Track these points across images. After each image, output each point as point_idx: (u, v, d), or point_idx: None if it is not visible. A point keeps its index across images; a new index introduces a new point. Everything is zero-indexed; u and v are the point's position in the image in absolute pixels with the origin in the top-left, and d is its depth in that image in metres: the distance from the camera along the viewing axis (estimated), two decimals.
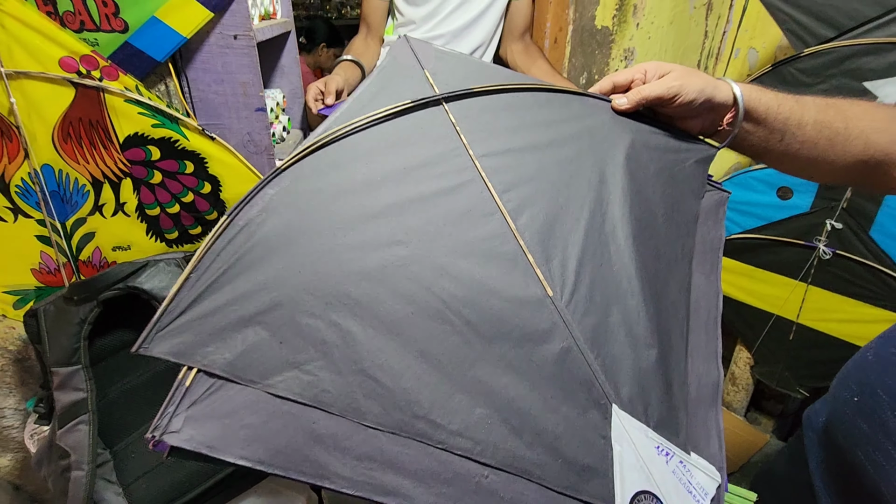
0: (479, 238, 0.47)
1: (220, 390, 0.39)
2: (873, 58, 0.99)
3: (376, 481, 0.38)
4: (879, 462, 0.50)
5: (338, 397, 0.39)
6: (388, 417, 0.39)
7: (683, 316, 0.51)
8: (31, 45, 0.71)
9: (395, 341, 0.42)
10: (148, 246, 0.93)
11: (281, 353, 0.40)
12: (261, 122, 0.91)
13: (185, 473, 0.83)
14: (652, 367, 0.46)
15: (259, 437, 0.38)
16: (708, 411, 0.47)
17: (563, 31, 1.36)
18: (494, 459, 0.39)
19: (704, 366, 0.49)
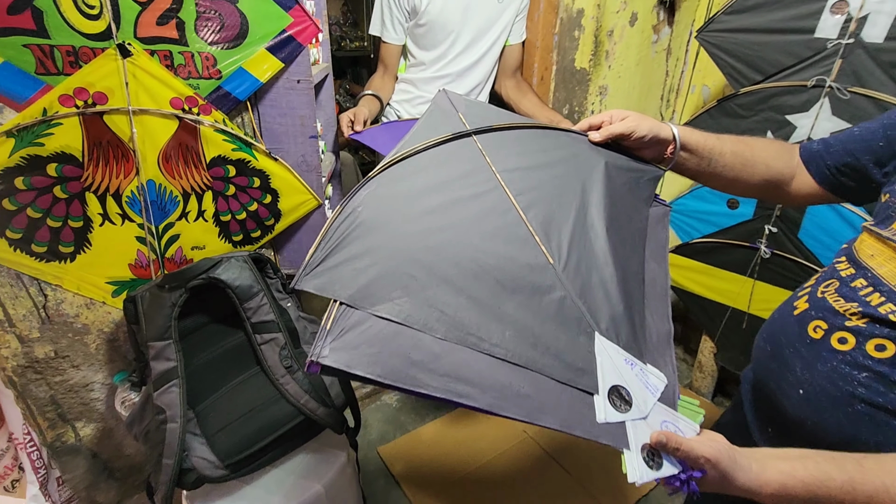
0: (501, 226, 0.70)
1: (349, 333, 0.60)
2: (791, 97, 1.27)
3: (453, 389, 0.58)
4: (783, 388, 0.72)
5: (417, 320, 0.61)
6: (450, 334, 0.62)
7: (640, 285, 0.74)
8: (151, 89, 0.93)
9: (449, 288, 0.64)
10: (218, 246, 1.15)
11: (381, 291, 0.62)
12: (313, 146, 1.14)
13: (254, 428, 1.03)
14: (620, 313, 0.69)
15: (377, 362, 0.58)
16: (665, 351, 0.70)
17: (549, 70, 1.63)
18: (521, 360, 0.62)
19: (659, 322, 0.73)
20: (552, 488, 1.51)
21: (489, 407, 0.57)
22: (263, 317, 1.08)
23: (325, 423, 1.07)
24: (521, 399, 0.60)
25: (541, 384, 0.62)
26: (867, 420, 0.63)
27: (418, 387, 0.57)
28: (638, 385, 0.65)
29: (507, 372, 0.61)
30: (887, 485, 0.53)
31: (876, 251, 0.67)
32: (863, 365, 0.63)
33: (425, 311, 0.62)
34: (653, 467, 0.57)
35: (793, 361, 0.70)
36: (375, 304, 0.61)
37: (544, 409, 0.59)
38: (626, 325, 0.69)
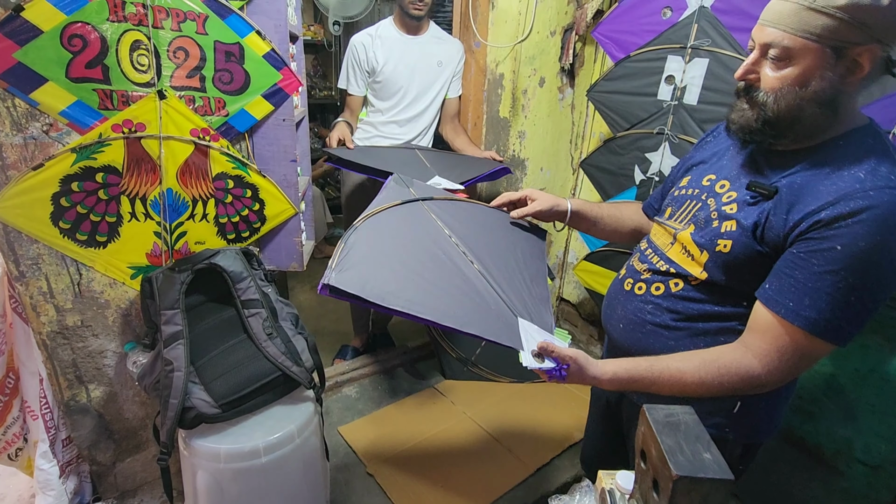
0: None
1: (347, 270, 0.95)
2: (647, 140, 1.75)
3: (410, 307, 0.91)
4: (613, 325, 1.09)
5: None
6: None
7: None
8: (177, 122, 1.29)
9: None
10: (215, 242, 1.48)
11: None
12: (292, 168, 1.51)
13: (242, 378, 1.32)
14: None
15: (364, 288, 0.91)
16: (545, 302, 1.09)
17: (480, 118, 2.08)
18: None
19: (540, 289, 1.12)
20: (484, 453, 1.83)
21: (432, 317, 0.92)
22: (251, 296, 1.40)
23: (296, 378, 1.38)
24: (456, 317, 0.96)
25: (470, 313, 0.99)
26: (652, 334, 1.01)
27: (388, 303, 0.91)
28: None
29: (448, 303, 0.98)
30: (668, 364, 0.88)
31: (656, 231, 1.09)
32: (649, 300, 1.02)
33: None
34: (536, 361, 0.92)
35: (616, 307, 1.09)
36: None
37: (471, 323, 0.95)
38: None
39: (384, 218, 1.10)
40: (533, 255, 1.20)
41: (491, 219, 1.24)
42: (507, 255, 1.15)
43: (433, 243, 1.08)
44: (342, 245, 0.99)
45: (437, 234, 1.11)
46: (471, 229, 1.17)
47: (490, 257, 1.11)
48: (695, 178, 1.02)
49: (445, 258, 1.06)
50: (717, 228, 0.89)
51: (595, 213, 1.21)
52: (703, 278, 0.91)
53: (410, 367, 2.33)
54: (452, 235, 1.12)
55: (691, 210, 0.98)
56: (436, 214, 1.16)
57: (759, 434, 1.00)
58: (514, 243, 1.20)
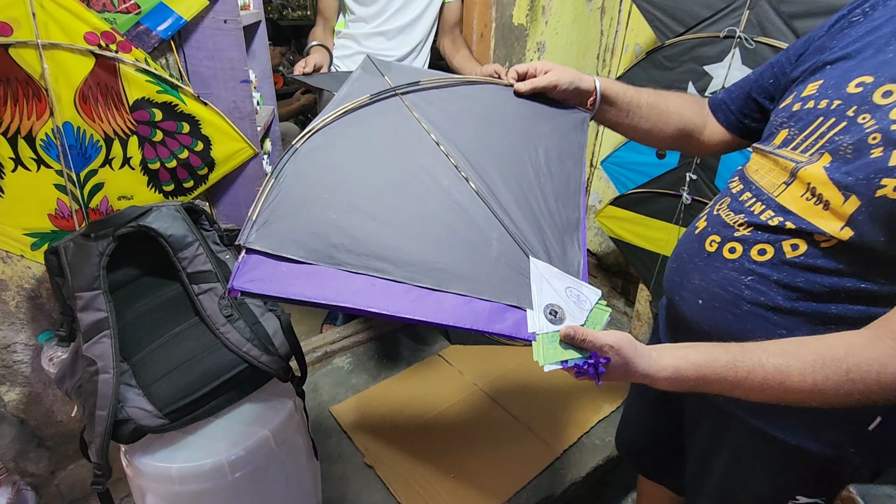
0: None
1: (276, 223, 0.61)
2: (708, 47, 1.35)
3: (373, 265, 0.62)
4: (686, 299, 0.79)
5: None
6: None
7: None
8: (62, 21, 0.88)
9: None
10: (147, 197, 1.11)
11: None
12: (245, 92, 1.11)
13: (194, 376, 1.01)
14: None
15: (299, 245, 0.61)
16: (573, 232, 0.75)
17: (488, 27, 1.65)
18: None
19: (570, 211, 0.77)
20: (501, 433, 1.58)
21: (403, 278, 0.62)
22: (200, 266, 1.05)
23: (268, 371, 1.07)
24: (435, 272, 0.64)
25: (461, 273, 0.66)
26: (753, 318, 0.70)
27: (338, 264, 0.61)
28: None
29: (424, 250, 0.65)
30: (762, 359, 0.58)
31: (759, 165, 0.74)
32: (748, 269, 0.69)
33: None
34: (554, 322, 0.64)
35: (692, 274, 0.77)
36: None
37: (457, 279, 0.64)
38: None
39: (341, 128, 0.74)
40: (563, 155, 0.84)
41: (503, 106, 0.87)
42: (523, 159, 0.80)
43: (410, 158, 0.74)
44: (268, 185, 0.64)
45: (417, 143, 0.76)
46: (470, 127, 0.81)
47: (495, 166, 0.77)
48: (832, 83, 0.66)
49: (427, 179, 0.72)
50: (879, 161, 0.57)
51: (630, 99, 0.87)
52: (843, 238, 0.60)
53: (411, 330, 2.03)
54: (441, 141, 0.76)
55: (827, 132, 0.64)
56: (420, 112, 0.79)
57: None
58: (535, 139, 0.83)
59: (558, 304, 0.67)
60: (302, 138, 0.69)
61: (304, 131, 0.70)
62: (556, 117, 0.87)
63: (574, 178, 0.81)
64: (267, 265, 0.60)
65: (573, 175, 0.81)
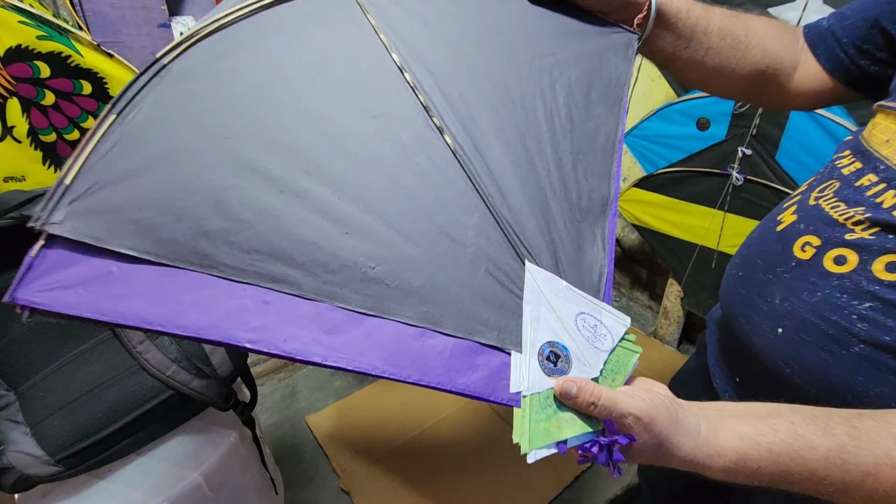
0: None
1: (103, 190, 0.38)
2: None
3: (264, 271, 0.39)
4: (756, 324, 0.55)
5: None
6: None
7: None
8: None
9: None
10: (45, 177, 0.87)
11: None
12: (165, 40, 0.85)
13: (101, 410, 0.79)
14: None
15: (146, 231, 0.38)
16: (596, 220, 0.50)
17: None
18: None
19: (597, 182, 0.52)
20: (502, 452, 1.35)
21: (315, 293, 0.40)
22: None
23: (202, 399, 0.85)
24: (369, 285, 0.41)
25: (410, 280, 0.42)
26: (867, 365, 0.46)
27: (210, 268, 0.38)
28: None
29: (357, 247, 0.42)
30: (890, 450, 0.36)
31: (893, 134, 0.47)
32: (867, 291, 0.45)
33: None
34: (553, 372, 0.42)
35: (771, 290, 0.53)
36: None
37: (404, 297, 0.42)
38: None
39: (246, 36, 0.46)
40: (593, 95, 0.56)
41: (510, 17, 0.57)
42: (532, 97, 0.53)
43: (353, 91, 0.47)
44: (101, 126, 0.40)
45: (368, 67, 0.49)
46: (455, 45, 0.53)
47: (489, 108, 0.51)
48: None
49: (376, 129, 0.47)
50: None
51: (696, 21, 0.59)
52: None
53: None
54: (408, 64, 0.49)
55: None
56: (379, 16, 0.51)
57: None
58: (553, 69, 0.55)
59: (562, 342, 0.43)
60: (177, 48, 0.44)
61: (183, 37, 0.45)
62: (586, 38, 0.59)
63: (607, 130, 0.55)
64: (82, 265, 0.36)
65: (606, 126, 0.55)
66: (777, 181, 1.19)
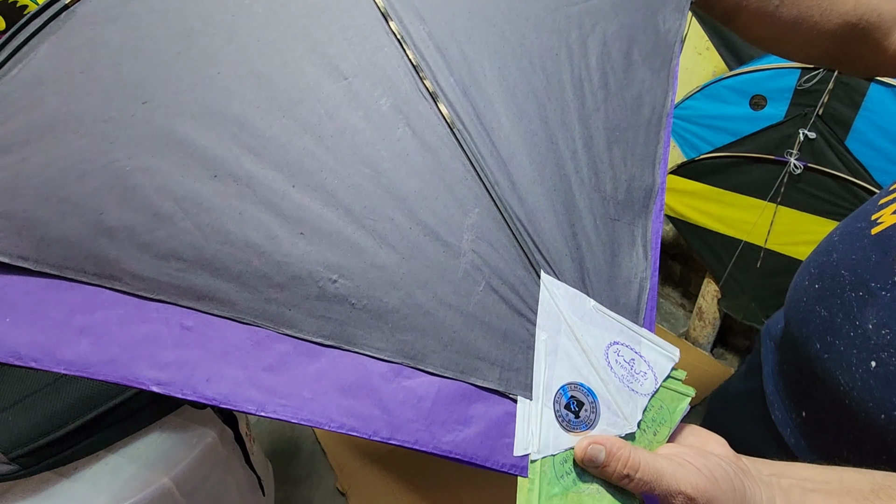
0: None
1: None
2: None
3: (185, 283, 0.29)
4: (837, 347, 0.43)
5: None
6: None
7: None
8: None
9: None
10: None
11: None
12: None
13: (62, 404, 0.72)
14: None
15: (24, 228, 0.29)
16: (636, 218, 0.39)
17: None
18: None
19: (639, 168, 0.40)
20: None
21: (252, 314, 0.30)
22: None
23: None
24: (328, 304, 0.31)
25: (383, 299, 0.31)
26: None
27: (112, 278, 0.29)
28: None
29: (313, 252, 0.31)
30: None
31: None
32: None
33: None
34: (573, 427, 0.31)
35: (863, 311, 0.42)
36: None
37: (375, 321, 0.32)
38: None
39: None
40: (635, 55, 0.44)
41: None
42: (554, 54, 0.40)
43: (324, 43, 0.36)
44: None
45: (343, 11, 0.37)
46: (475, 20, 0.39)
47: (497, 68, 0.38)
48: None
49: (350, 93, 0.35)
50: None
51: None
52: None
53: None
54: (396, 9, 0.37)
55: None
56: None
57: None
58: (582, 19, 0.43)
59: (587, 384, 0.32)
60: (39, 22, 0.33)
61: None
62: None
63: (652, 99, 0.43)
64: None
65: (651, 94, 0.43)
66: (846, 170, 1.02)
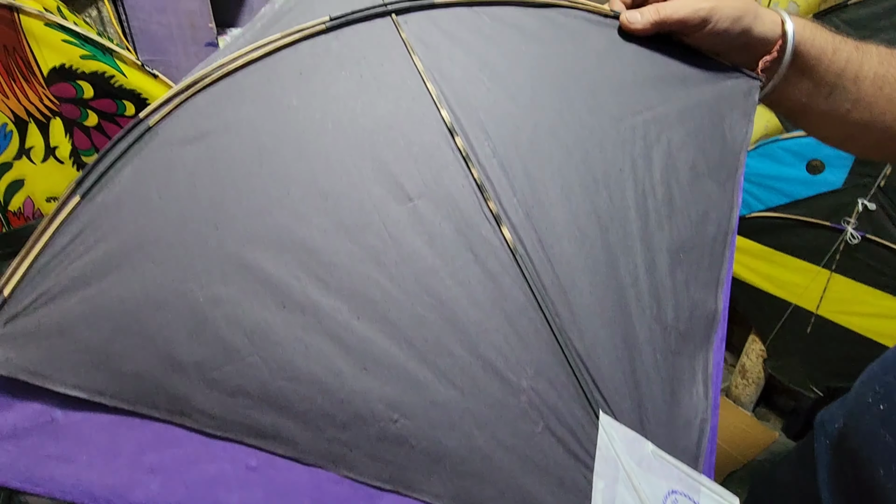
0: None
1: (52, 302, 0.30)
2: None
3: (251, 421, 0.30)
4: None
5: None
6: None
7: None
8: None
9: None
10: None
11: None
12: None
13: None
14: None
15: (101, 361, 0.30)
16: (697, 349, 0.38)
17: None
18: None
19: (702, 293, 0.39)
20: None
21: (318, 456, 0.31)
22: None
23: None
24: (392, 447, 0.32)
25: (443, 441, 0.32)
26: None
27: (182, 415, 0.30)
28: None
29: (374, 389, 0.32)
30: None
31: None
32: None
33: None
34: None
35: None
36: None
37: (431, 465, 0.32)
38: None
39: (261, 86, 0.36)
40: (702, 165, 0.43)
41: (595, 57, 0.44)
42: (618, 167, 0.40)
43: (386, 160, 0.36)
44: (61, 211, 0.32)
45: (408, 128, 0.38)
46: (524, 96, 0.40)
47: (560, 185, 0.39)
48: None
49: (411, 220, 0.36)
50: None
51: (841, 66, 0.44)
52: None
53: None
54: (459, 126, 0.38)
55: None
56: (428, 56, 0.39)
57: None
58: (649, 127, 0.42)
59: None
60: (168, 104, 0.35)
61: (176, 88, 0.36)
62: (693, 86, 0.45)
63: (718, 216, 0.42)
64: (15, 411, 0.31)
65: (717, 210, 0.42)
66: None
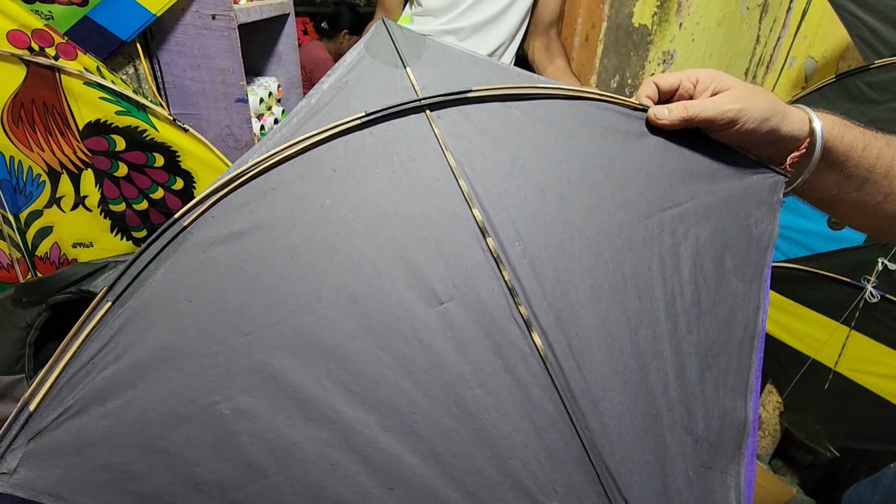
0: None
1: (76, 417, 0.30)
2: None
3: None
4: None
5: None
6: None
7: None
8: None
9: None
10: (112, 244, 0.85)
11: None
12: (241, 114, 0.81)
13: None
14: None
15: (120, 483, 0.30)
16: (729, 462, 0.37)
17: (597, 27, 1.23)
18: None
19: (731, 400, 0.38)
20: None
21: None
22: None
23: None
24: None
25: None
26: None
27: None
28: None
29: None
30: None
31: None
32: None
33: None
34: None
35: None
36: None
37: None
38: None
39: (293, 186, 0.37)
40: (728, 264, 0.43)
41: (624, 152, 0.44)
42: (646, 268, 0.40)
43: (417, 261, 0.37)
44: (93, 318, 0.32)
45: (439, 229, 0.38)
46: (554, 194, 0.40)
47: (590, 287, 0.38)
48: None
49: (435, 319, 0.36)
50: None
51: (871, 161, 0.45)
52: None
53: None
54: (490, 225, 0.38)
55: None
56: (461, 153, 0.39)
57: None
58: (676, 226, 0.43)
59: None
60: (203, 203, 0.36)
61: (211, 188, 0.36)
62: (720, 181, 0.46)
63: (745, 316, 0.41)
64: None
65: (743, 310, 0.41)
66: None
